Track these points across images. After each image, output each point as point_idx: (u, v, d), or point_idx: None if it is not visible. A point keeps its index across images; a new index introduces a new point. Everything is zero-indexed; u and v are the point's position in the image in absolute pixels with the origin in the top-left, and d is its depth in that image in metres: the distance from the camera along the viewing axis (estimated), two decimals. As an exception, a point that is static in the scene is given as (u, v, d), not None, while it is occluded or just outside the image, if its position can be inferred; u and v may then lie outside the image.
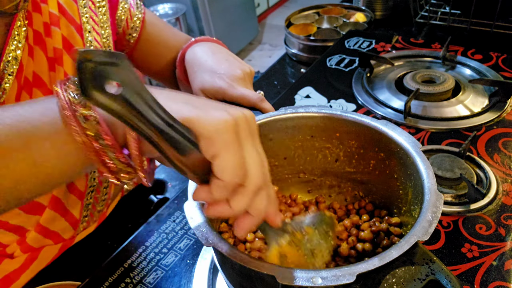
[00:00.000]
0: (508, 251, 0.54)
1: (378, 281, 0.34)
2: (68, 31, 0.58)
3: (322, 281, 0.32)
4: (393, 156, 0.48)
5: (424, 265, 0.35)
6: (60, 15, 0.57)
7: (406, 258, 0.35)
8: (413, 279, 0.34)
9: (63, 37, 0.57)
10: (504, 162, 0.66)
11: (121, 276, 0.57)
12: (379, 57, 0.91)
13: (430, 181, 0.41)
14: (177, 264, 0.58)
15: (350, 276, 0.32)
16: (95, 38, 0.62)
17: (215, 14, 2.69)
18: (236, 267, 0.38)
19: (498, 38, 1.02)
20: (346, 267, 0.33)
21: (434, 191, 0.39)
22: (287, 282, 0.32)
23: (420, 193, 0.41)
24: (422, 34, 1.13)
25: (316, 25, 1.21)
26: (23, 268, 0.61)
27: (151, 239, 0.62)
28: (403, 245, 0.34)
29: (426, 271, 0.35)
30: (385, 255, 0.33)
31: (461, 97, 0.81)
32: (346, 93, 0.87)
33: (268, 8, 3.72)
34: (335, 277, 0.32)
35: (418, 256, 0.35)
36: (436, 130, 0.74)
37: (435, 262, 0.35)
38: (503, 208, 0.59)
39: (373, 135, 0.49)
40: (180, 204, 0.67)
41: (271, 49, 3.24)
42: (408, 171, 0.45)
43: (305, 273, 0.33)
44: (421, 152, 0.44)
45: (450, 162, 0.64)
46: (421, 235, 0.35)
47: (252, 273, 0.35)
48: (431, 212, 0.37)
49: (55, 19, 0.56)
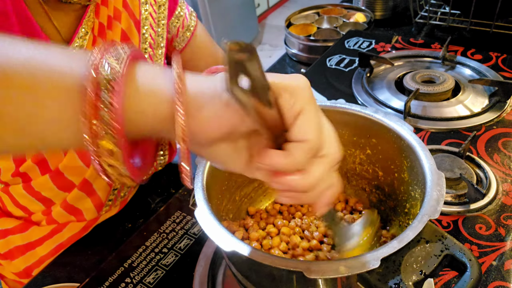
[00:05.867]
0: (508, 251, 0.54)
1: (398, 262, 0.36)
2: (127, 25, 0.62)
3: (349, 270, 0.32)
4: (386, 141, 0.48)
5: (437, 242, 0.37)
6: (122, 9, 0.61)
7: (420, 237, 0.37)
8: (430, 256, 0.36)
9: (122, 30, 0.61)
10: (504, 162, 0.66)
11: (121, 276, 0.57)
12: (379, 57, 0.91)
13: (429, 161, 0.42)
14: (177, 264, 0.58)
15: (375, 261, 0.33)
16: (150, 34, 0.65)
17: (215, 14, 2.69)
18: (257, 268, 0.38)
19: (498, 38, 1.02)
20: (369, 253, 0.34)
21: (435, 171, 0.40)
22: (315, 276, 0.32)
23: (420, 174, 0.42)
24: (422, 34, 1.14)
25: (316, 25, 1.21)
26: (47, 237, 0.67)
27: (151, 239, 0.62)
28: (417, 225, 0.35)
29: (440, 247, 0.36)
30: (402, 237, 0.34)
31: (461, 97, 0.81)
32: (346, 93, 0.87)
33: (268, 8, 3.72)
34: (360, 264, 0.33)
35: (430, 234, 0.37)
36: (436, 130, 0.74)
37: (447, 238, 0.37)
38: (503, 208, 0.59)
39: (364, 123, 0.49)
40: (180, 204, 0.67)
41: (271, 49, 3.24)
42: (403, 153, 0.46)
43: (331, 264, 0.33)
44: (415, 134, 0.45)
45: (450, 162, 0.64)
46: (431, 213, 0.36)
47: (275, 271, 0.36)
48: (436, 191, 0.38)
49: (118, 13, 0.60)
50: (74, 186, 0.63)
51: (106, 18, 0.58)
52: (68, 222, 0.67)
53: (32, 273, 0.69)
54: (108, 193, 0.68)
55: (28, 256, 0.67)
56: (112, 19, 0.59)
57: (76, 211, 0.66)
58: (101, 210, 0.68)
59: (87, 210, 0.66)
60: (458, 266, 0.36)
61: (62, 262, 0.65)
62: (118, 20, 0.60)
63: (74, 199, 0.64)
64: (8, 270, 0.70)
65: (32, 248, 0.67)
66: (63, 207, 0.64)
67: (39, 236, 0.66)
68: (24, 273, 0.69)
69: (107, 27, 0.59)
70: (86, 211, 0.66)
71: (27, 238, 0.66)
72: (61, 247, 0.68)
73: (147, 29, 0.65)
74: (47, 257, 0.67)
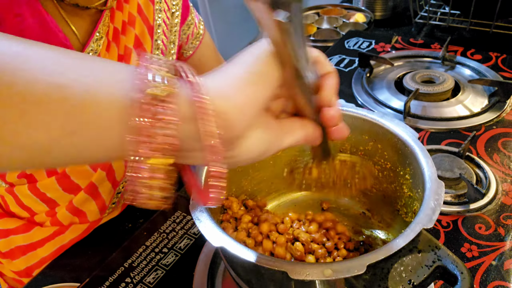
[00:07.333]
0: (508, 250, 0.54)
1: (387, 270, 0.35)
2: (140, 30, 0.62)
3: (334, 273, 0.32)
4: (390, 147, 0.48)
5: (430, 252, 0.36)
6: (137, 15, 0.61)
7: (412, 246, 0.36)
8: (421, 266, 0.35)
9: (136, 36, 0.61)
10: (503, 162, 0.66)
11: (121, 276, 0.57)
12: (378, 58, 0.91)
13: (430, 169, 0.41)
14: (177, 264, 0.58)
15: (360, 267, 0.32)
16: (162, 41, 0.66)
17: (215, 14, 2.69)
18: (246, 265, 0.38)
19: (498, 38, 1.02)
20: (356, 259, 0.33)
21: (435, 179, 0.40)
22: (299, 277, 0.32)
23: (420, 182, 0.42)
24: (421, 34, 1.14)
25: (316, 26, 1.21)
26: (49, 238, 0.67)
27: (151, 239, 0.62)
28: (409, 233, 0.35)
29: (433, 257, 0.36)
30: (392, 244, 0.34)
31: (461, 97, 0.81)
32: (346, 93, 0.87)
33: (268, 8, 3.72)
34: (346, 269, 0.33)
35: (424, 244, 0.36)
36: (435, 130, 0.74)
37: (440, 249, 0.36)
38: (502, 208, 0.59)
39: (370, 127, 0.49)
40: (180, 204, 0.67)
41: (271, 49, 3.24)
42: (406, 160, 0.46)
43: (316, 267, 0.33)
44: (419, 141, 0.45)
45: (450, 162, 0.64)
46: (425, 222, 0.35)
47: (263, 270, 0.36)
48: (433, 200, 0.38)
49: (132, 19, 0.61)
50: (80, 189, 0.63)
51: (121, 23, 0.59)
52: (71, 224, 0.67)
53: (32, 273, 0.69)
54: (112, 196, 0.68)
55: (29, 257, 0.67)
56: (126, 24, 0.60)
57: (80, 213, 0.66)
58: (104, 212, 0.69)
59: (90, 212, 0.67)
60: (449, 279, 0.35)
61: (62, 262, 0.65)
62: (132, 25, 0.61)
63: (80, 202, 0.64)
64: (8, 269, 0.70)
65: (33, 249, 0.67)
66: (68, 209, 0.64)
67: (41, 237, 0.66)
68: (24, 273, 0.69)
69: (121, 32, 0.59)
70: (90, 213, 0.67)
71: (29, 239, 0.66)
72: (62, 248, 0.68)
73: (159, 35, 0.65)
74: (48, 258, 0.67)
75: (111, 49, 0.58)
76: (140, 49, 0.62)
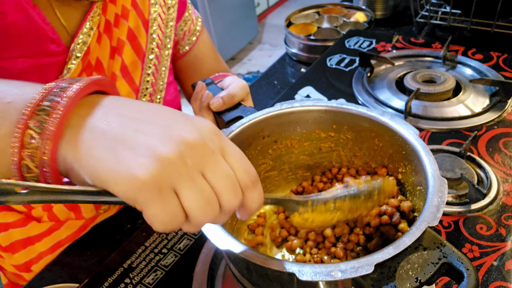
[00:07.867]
0: (509, 251, 0.54)
1: (394, 269, 0.35)
2: (135, 24, 0.62)
3: (342, 274, 0.32)
4: (391, 144, 0.48)
5: (435, 249, 0.36)
6: (131, 8, 0.61)
7: (417, 244, 0.36)
8: (427, 263, 0.35)
9: (129, 29, 0.61)
10: (504, 162, 0.66)
11: (121, 276, 0.57)
12: (379, 57, 0.91)
13: (432, 166, 0.41)
14: (177, 265, 0.58)
15: (368, 266, 0.33)
16: (158, 35, 0.66)
17: (215, 13, 2.69)
18: (252, 267, 0.38)
19: (499, 38, 1.02)
20: (363, 258, 0.34)
21: (437, 177, 0.40)
22: (307, 278, 0.32)
23: (423, 179, 0.42)
24: (422, 33, 1.13)
25: (316, 25, 1.21)
26: (46, 233, 0.67)
27: (151, 239, 0.62)
28: (415, 231, 0.35)
29: (438, 254, 0.36)
30: (399, 243, 0.34)
31: (462, 97, 0.81)
32: (346, 93, 0.87)
33: (268, 7, 3.72)
34: (353, 269, 0.33)
35: (429, 241, 0.36)
36: (436, 130, 0.74)
37: (445, 246, 0.36)
38: (503, 208, 0.59)
39: (371, 125, 0.49)
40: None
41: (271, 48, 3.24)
42: (408, 158, 0.46)
43: (324, 268, 0.33)
44: (420, 139, 0.45)
45: (451, 162, 0.64)
46: (430, 220, 0.36)
47: (269, 271, 0.36)
48: (437, 197, 0.38)
49: (126, 12, 0.61)
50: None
51: (113, 15, 0.59)
52: (67, 219, 0.67)
53: (31, 267, 0.69)
54: None
55: (28, 251, 0.68)
56: (119, 17, 0.60)
57: (76, 207, 0.66)
58: (99, 208, 0.69)
59: (85, 207, 0.67)
60: (455, 275, 0.35)
61: (61, 263, 0.65)
62: (125, 18, 0.61)
63: None
64: (9, 263, 0.70)
65: (32, 244, 0.67)
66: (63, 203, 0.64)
67: (38, 232, 0.67)
68: (24, 267, 0.69)
69: (113, 25, 0.59)
70: (85, 207, 0.67)
71: (26, 233, 0.67)
72: (59, 244, 0.68)
73: (155, 30, 0.65)
74: (46, 253, 0.68)
75: (103, 41, 0.58)
76: (135, 43, 0.62)
